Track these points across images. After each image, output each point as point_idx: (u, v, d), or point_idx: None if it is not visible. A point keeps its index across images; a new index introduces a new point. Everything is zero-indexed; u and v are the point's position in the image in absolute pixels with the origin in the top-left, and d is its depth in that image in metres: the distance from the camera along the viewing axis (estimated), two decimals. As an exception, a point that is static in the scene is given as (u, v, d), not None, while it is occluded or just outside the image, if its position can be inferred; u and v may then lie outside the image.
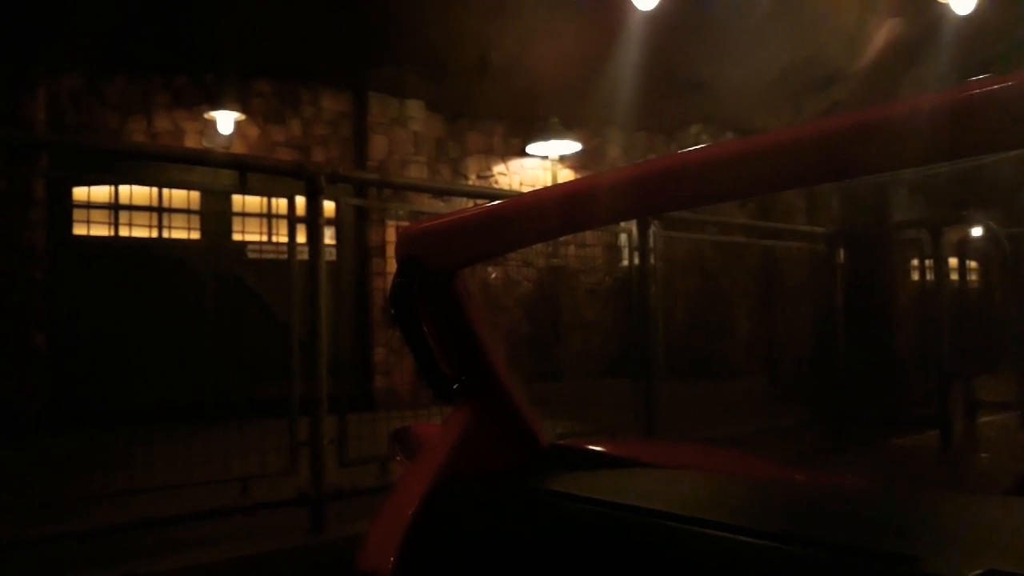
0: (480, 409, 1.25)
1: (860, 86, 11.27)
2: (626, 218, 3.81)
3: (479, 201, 6.81)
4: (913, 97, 0.74)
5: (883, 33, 10.72)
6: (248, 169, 3.52)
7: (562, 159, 8.70)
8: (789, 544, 0.85)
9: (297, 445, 3.61)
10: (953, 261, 8.49)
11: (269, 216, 7.30)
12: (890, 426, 5.76)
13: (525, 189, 8.16)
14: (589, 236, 8.88)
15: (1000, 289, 10.40)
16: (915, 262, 9.73)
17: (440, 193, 5.98)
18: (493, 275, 8.08)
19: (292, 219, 3.82)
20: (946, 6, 10.47)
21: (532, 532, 1.06)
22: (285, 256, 4.46)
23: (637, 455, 1.47)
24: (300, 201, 3.64)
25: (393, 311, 1.13)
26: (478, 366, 1.22)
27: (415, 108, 7.91)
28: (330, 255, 7.42)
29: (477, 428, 1.24)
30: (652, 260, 4.89)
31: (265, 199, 7.08)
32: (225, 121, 6.99)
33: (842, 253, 5.91)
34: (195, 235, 7.01)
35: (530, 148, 8.36)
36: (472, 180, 8.35)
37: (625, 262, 8.71)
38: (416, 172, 7.74)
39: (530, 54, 7.81)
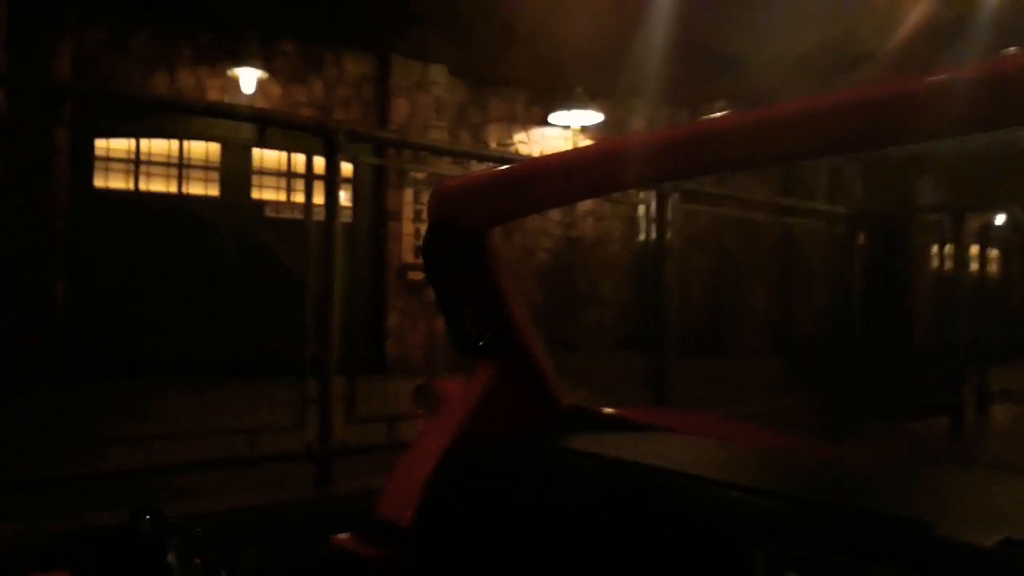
0: (503, 368, 1.27)
1: (891, 66, 11.14)
2: (654, 181, 3.77)
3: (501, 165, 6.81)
4: (944, 68, 0.74)
5: (917, 12, 10.56)
6: (268, 124, 3.56)
7: (584, 130, 8.68)
8: (806, 507, 0.87)
9: (306, 402, 3.64)
10: (975, 248, 8.41)
11: (288, 175, 7.35)
12: (903, 411, 5.76)
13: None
14: (608, 208, 8.87)
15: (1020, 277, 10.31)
16: (935, 248, 9.68)
17: (459, 156, 5.98)
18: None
19: (309, 177, 3.83)
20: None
21: (550, 490, 1.08)
22: (302, 216, 4.50)
23: (655, 420, 1.50)
24: (318, 160, 3.64)
25: (424, 267, 1.15)
26: (503, 325, 1.24)
27: (438, 73, 7.91)
28: (346, 216, 7.47)
29: (499, 387, 1.26)
30: (669, 234, 4.86)
31: (284, 158, 7.14)
32: (248, 79, 7.03)
33: (862, 235, 5.87)
34: (213, 191, 7.06)
35: (552, 117, 8.36)
36: (493, 147, 8.34)
37: (642, 236, 8.71)
38: (437, 137, 7.76)
39: (556, 22, 7.76)
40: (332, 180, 3.50)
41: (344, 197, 3.65)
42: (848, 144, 0.94)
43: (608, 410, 1.47)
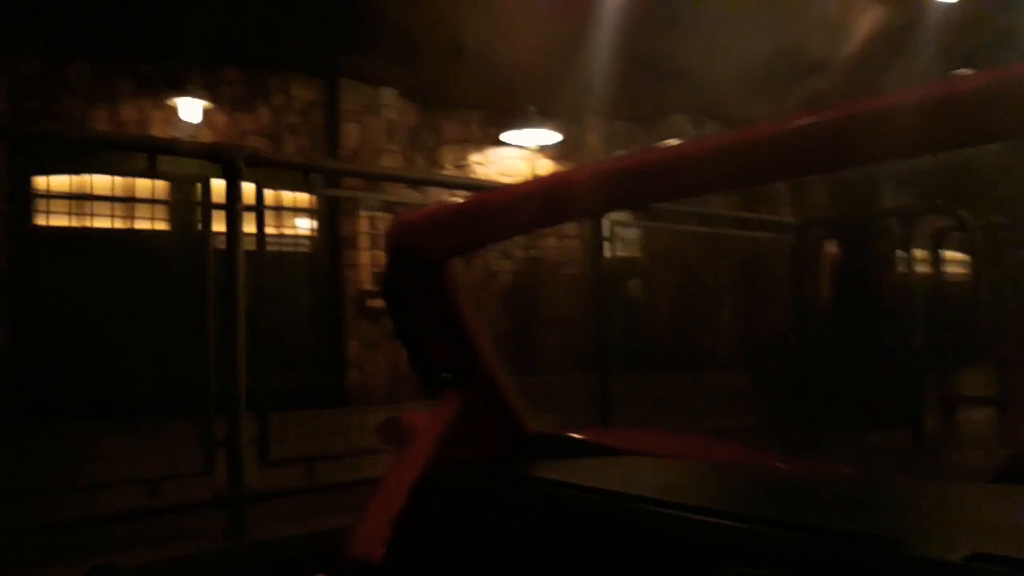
0: (468, 399, 1.28)
1: (843, 76, 11.24)
2: (608, 209, 3.81)
3: (456, 193, 6.67)
4: (896, 91, 0.76)
5: (866, 21, 10.67)
6: (158, 151, 3.35)
7: (541, 149, 8.61)
8: (773, 528, 0.87)
9: (211, 444, 3.32)
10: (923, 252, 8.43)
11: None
12: (862, 422, 5.66)
13: (503, 179, 8.06)
14: (570, 227, 8.80)
15: (976, 280, 10.36)
16: (897, 253, 9.66)
17: (388, 179, 5.89)
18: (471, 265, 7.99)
19: (207, 205, 3.63)
20: (931, -5, 10.41)
21: (519, 519, 1.08)
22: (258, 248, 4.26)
23: (622, 443, 1.51)
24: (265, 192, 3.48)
25: (384, 300, 1.16)
26: (466, 356, 1.24)
27: (389, 96, 7.81)
28: (305, 245, 7.30)
29: (465, 417, 1.27)
30: (609, 252, 4.78)
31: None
32: (191, 109, 6.87)
33: (827, 244, 5.82)
34: (162, 226, 6.87)
35: (507, 137, 8.28)
36: (449, 170, 8.23)
37: (607, 254, 8.64)
38: (390, 161, 7.64)
39: (505, 40, 7.71)
40: (232, 208, 3.28)
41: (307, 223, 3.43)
42: (792, 170, 1.00)
43: (575, 435, 1.47)
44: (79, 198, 6.45)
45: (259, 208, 3.37)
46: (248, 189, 6.84)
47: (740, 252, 9.29)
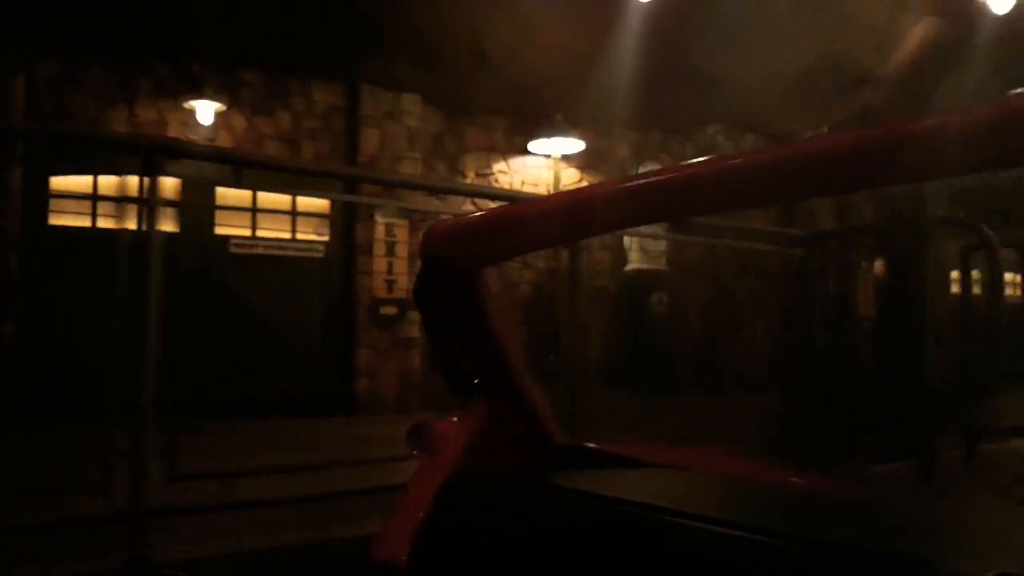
0: (496, 407, 1.28)
1: (894, 89, 10.79)
2: (648, 222, 3.63)
3: (476, 201, 6.44)
4: (945, 111, 0.76)
5: (918, 32, 10.23)
6: (77, 143, 3.15)
7: (566, 158, 8.40)
8: (801, 546, 0.88)
9: (110, 456, 3.07)
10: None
11: (253, 210, 7.10)
12: (867, 452, 5.26)
13: (527, 189, 7.87)
14: (600, 238, 8.56)
15: (993, 301, 9.81)
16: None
17: (385, 184, 5.68)
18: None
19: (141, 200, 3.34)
20: (984, 5, 9.98)
21: (544, 528, 1.09)
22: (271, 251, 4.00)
23: (649, 456, 1.51)
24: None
25: (417, 307, 1.18)
26: (496, 365, 1.25)
27: (410, 102, 7.69)
28: (315, 250, 7.19)
29: (493, 426, 1.28)
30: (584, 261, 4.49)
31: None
32: (205, 111, 6.82)
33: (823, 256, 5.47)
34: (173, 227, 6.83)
35: (532, 146, 8.07)
36: (471, 178, 8.08)
37: (632, 265, 8.37)
38: (410, 168, 7.52)
39: (530, 46, 7.55)
40: (150, 203, 3.03)
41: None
42: (834, 187, 1.01)
43: (604, 447, 1.47)
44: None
45: (149, 198, 3.03)
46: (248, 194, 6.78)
47: (773, 266, 8.93)
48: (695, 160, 0.89)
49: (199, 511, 3.00)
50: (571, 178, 8.57)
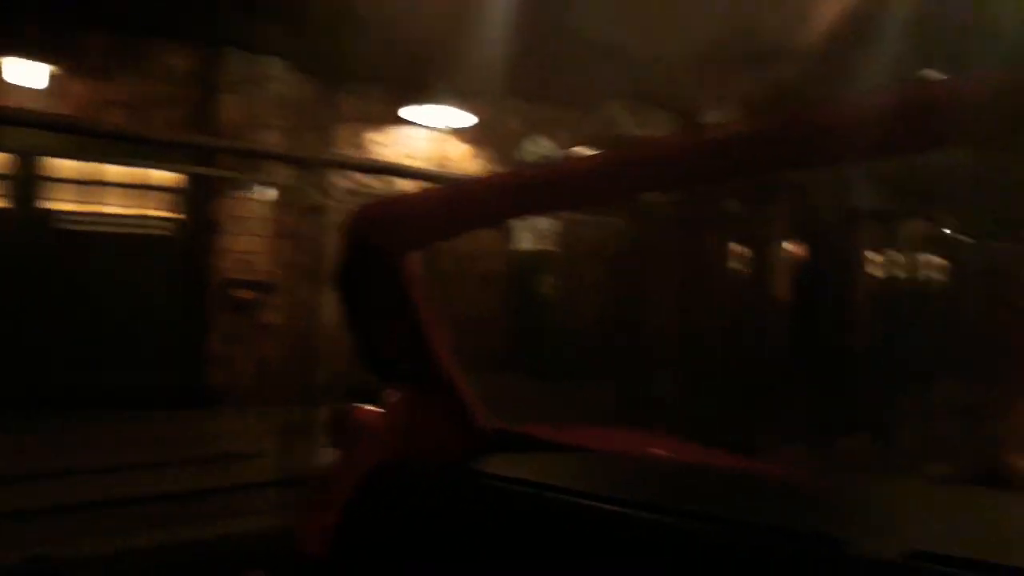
0: (423, 394, 1.27)
1: (806, 65, 10.46)
2: (582, 207, 3.86)
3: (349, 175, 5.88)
4: (860, 93, 0.62)
5: (832, 5, 9.89)
6: None
7: (456, 132, 7.89)
8: (721, 526, 0.91)
9: None
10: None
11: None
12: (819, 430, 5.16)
13: (409, 162, 7.36)
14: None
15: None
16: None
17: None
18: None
19: None
20: (898, -25, 9.65)
21: (471, 516, 1.08)
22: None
23: (579, 440, 1.51)
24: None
25: (338, 290, 1.15)
26: (423, 350, 1.21)
27: (277, 67, 7.11)
28: (162, 228, 6.61)
29: (419, 413, 1.27)
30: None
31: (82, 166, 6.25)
32: (34, 74, 6.17)
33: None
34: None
35: (412, 116, 7.55)
36: (345, 150, 7.52)
37: (521, 245, 7.94)
38: (275, 138, 6.93)
39: (410, 9, 7.01)
40: None
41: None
42: (749, 170, 1.13)
43: (535, 431, 1.44)
44: None
45: None
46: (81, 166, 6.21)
47: (673, 247, 8.58)
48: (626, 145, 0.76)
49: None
50: (460, 153, 8.08)
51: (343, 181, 6.75)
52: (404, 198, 1.14)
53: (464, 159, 8.07)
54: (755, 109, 10.84)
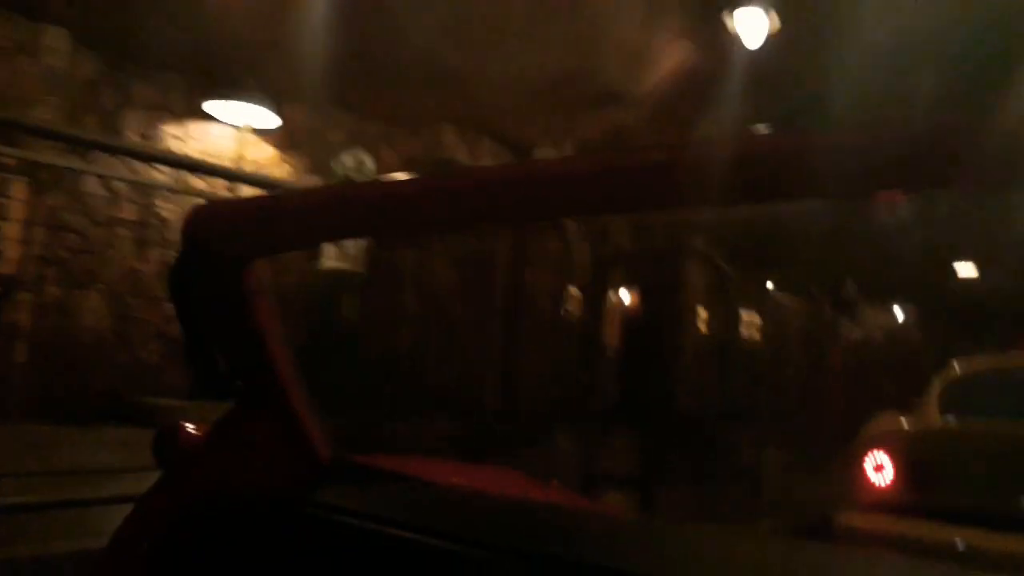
0: (259, 415, 1.16)
1: (646, 112, 10.48)
2: (446, 229, 3.74)
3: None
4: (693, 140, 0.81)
5: (669, 58, 9.96)
6: None
7: (263, 133, 7.25)
8: (552, 566, 0.89)
9: None
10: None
11: None
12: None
13: (209, 160, 6.65)
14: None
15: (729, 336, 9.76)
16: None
17: None
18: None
19: None
20: (737, 38, 9.81)
21: (297, 551, 1.00)
22: None
23: (420, 472, 1.47)
24: None
25: (171, 295, 1.05)
26: (261, 367, 1.12)
27: (55, 37, 6.27)
28: None
29: (251, 435, 1.16)
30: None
31: None
32: None
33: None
34: None
35: (211, 108, 6.86)
36: (131, 139, 6.72)
37: (327, 263, 7.34)
38: (46, 116, 6.06)
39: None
40: None
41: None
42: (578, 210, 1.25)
43: (377, 462, 1.40)
44: None
45: None
46: None
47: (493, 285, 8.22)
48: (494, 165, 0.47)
49: None
50: (266, 156, 7.43)
51: (126, 170, 6.00)
52: (250, 202, 1.09)
53: (270, 163, 7.42)
54: (591, 151, 10.80)
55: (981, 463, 3.82)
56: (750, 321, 10.61)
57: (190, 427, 1.24)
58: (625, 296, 10.20)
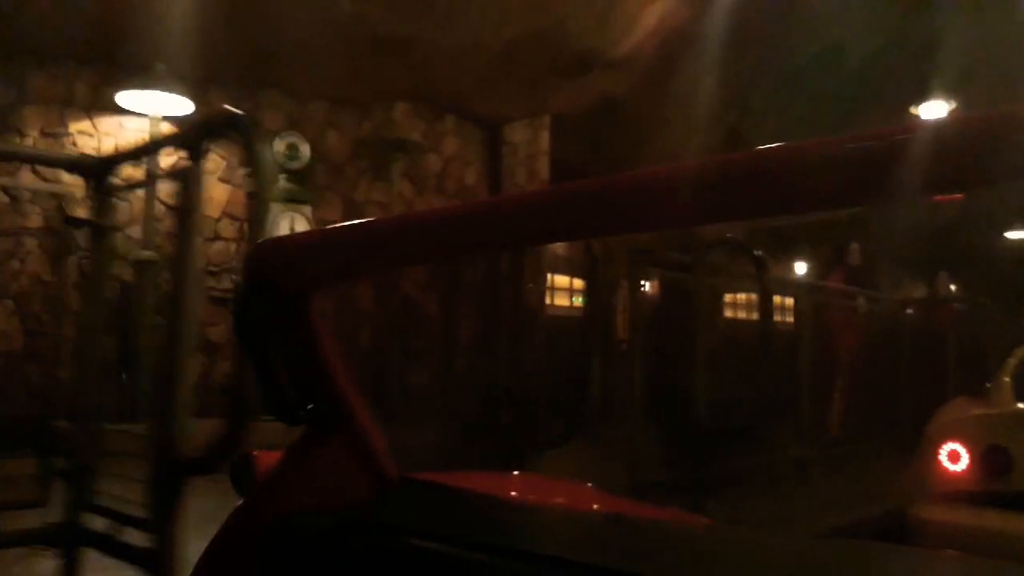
0: (328, 438, 1.18)
1: (638, 78, 9.65)
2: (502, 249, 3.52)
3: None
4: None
5: (655, 14, 9.13)
6: None
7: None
8: None
9: None
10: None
11: None
12: None
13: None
14: (225, 224, 6.86)
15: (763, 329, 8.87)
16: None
17: None
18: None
19: None
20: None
21: (372, 569, 1.05)
22: None
23: (492, 489, 1.51)
24: None
25: (237, 331, 1.11)
26: (328, 392, 1.15)
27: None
28: None
29: (324, 458, 1.18)
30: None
31: None
32: None
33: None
34: None
35: (125, 101, 6.24)
36: (33, 138, 6.13)
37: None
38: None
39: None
40: None
41: None
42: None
43: (444, 479, 1.42)
44: None
45: None
46: None
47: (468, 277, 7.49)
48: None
49: None
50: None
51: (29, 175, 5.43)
52: (309, 235, 1.24)
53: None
54: (573, 125, 10.01)
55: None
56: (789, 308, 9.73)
57: (264, 453, 1.29)
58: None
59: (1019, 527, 3.53)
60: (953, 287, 13.02)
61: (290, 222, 6.53)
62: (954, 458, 3.97)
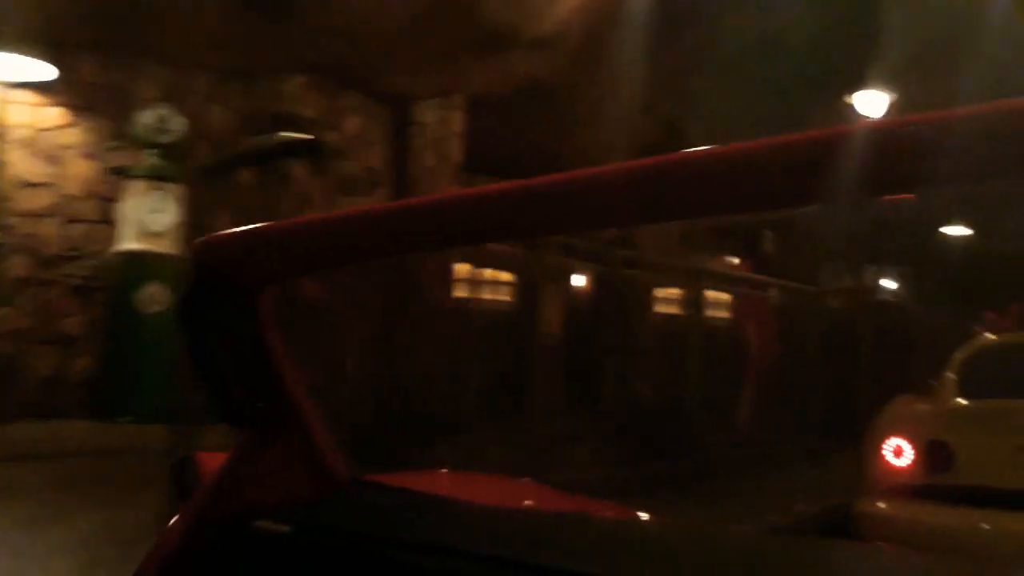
0: (276, 439, 1.13)
1: (566, 58, 9.14)
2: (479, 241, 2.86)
3: None
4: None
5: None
6: None
7: (45, 92, 6.00)
8: None
9: None
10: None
11: None
12: None
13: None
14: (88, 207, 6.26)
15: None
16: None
17: None
18: None
19: None
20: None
21: (321, 571, 1.05)
22: None
23: (443, 490, 1.53)
24: None
25: (180, 325, 1.02)
26: (276, 392, 1.10)
27: None
28: None
29: (271, 460, 1.13)
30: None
31: None
32: None
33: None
34: None
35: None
36: None
37: (126, 244, 6.11)
38: None
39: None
40: None
41: None
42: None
43: (396, 480, 1.42)
44: None
45: None
46: None
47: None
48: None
49: None
50: (50, 119, 6.16)
51: None
52: (261, 229, 0.97)
53: (55, 127, 6.17)
54: (494, 109, 9.47)
55: (1002, 443, 3.90)
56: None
57: (208, 455, 1.27)
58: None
59: (960, 521, 3.68)
60: (883, 281, 12.86)
61: (157, 201, 5.93)
62: (898, 453, 4.09)
